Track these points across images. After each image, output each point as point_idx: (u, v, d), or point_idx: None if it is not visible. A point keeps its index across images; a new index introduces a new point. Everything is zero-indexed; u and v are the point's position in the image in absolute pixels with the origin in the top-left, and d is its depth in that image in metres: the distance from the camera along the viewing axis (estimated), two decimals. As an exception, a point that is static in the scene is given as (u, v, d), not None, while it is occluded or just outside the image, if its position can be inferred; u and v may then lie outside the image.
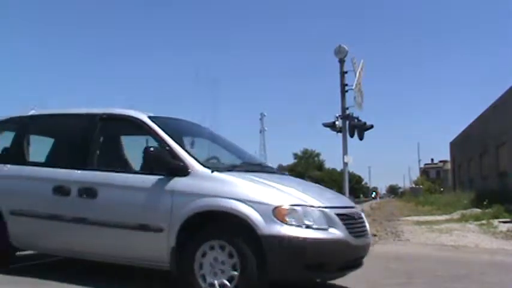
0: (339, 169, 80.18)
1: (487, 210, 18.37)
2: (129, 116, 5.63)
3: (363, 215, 5.37)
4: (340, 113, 12.82)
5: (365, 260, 5.29)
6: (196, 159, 4.95)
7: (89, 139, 5.66)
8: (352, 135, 13.01)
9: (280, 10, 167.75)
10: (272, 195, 4.55)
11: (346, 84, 12.88)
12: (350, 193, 14.80)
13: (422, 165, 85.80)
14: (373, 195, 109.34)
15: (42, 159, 6.14)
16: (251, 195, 4.49)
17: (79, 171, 5.39)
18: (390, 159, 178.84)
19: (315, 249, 4.35)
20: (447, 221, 17.18)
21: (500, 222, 14.97)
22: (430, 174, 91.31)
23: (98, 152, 5.69)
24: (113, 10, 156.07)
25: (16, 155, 6.15)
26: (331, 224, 4.47)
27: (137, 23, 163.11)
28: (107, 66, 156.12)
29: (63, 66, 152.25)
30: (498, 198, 20.31)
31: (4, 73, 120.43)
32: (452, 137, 46.78)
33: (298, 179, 6.39)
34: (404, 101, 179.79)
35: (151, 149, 4.94)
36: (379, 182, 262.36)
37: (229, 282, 4.39)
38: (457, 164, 44.96)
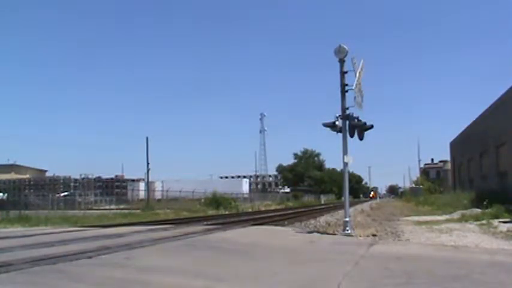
0: (339, 169, 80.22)
1: (487, 210, 18.38)
2: None
3: None
4: (340, 113, 12.80)
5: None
6: None
7: None
8: (352, 135, 12.99)
9: (280, 10, 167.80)
10: None
11: (346, 84, 12.83)
12: (350, 193, 14.79)
13: (422, 165, 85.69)
14: (370, 195, 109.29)
15: None
16: None
17: None
18: (390, 159, 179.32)
19: None
20: (447, 221, 17.19)
21: (500, 222, 14.98)
22: (430, 174, 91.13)
23: None
24: (111, 8, 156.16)
25: None
26: None
27: (137, 21, 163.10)
28: (106, 68, 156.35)
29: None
30: (498, 198, 20.32)
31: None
32: (452, 137, 46.85)
33: None
34: (404, 101, 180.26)
35: None
36: (379, 182, 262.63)
37: None
38: (457, 164, 44.95)
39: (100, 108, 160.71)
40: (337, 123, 12.78)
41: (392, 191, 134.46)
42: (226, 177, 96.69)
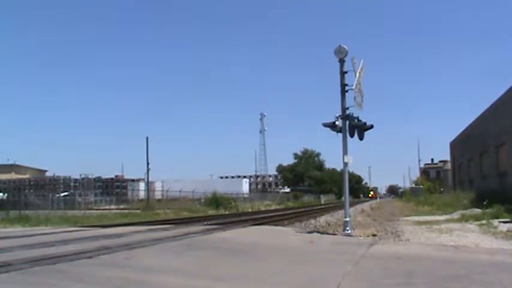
0: (339, 169, 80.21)
1: (487, 210, 18.36)
2: None
3: None
4: (340, 113, 12.80)
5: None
6: None
7: None
8: (352, 135, 12.99)
9: (280, 10, 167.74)
10: None
11: (346, 84, 12.82)
12: (350, 193, 14.77)
13: (422, 165, 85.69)
14: (370, 195, 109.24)
15: None
16: None
17: None
18: (390, 159, 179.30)
19: None
20: (447, 221, 17.18)
21: (500, 222, 14.97)
22: (430, 174, 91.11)
23: None
24: (111, 7, 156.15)
25: None
26: None
27: (137, 21, 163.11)
28: (106, 67, 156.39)
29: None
30: (498, 198, 20.31)
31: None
32: (452, 137, 46.84)
33: None
34: (404, 101, 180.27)
35: None
36: (379, 182, 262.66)
37: None
38: (457, 164, 44.93)
39: (100, 108, 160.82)
40: (337, 123, 12.77)
41: (393, 191, 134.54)
42: (226, 177, 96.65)
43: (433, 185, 64.09)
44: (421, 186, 62.20)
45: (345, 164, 13.16)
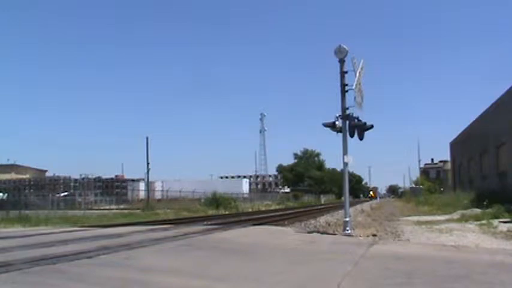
0: (339, 169, 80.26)
1: (487, 210, 18.36)
2: None
3: None
4: (340, 113, 12.80)
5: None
6: None
7: None
8: (352, 135, 12.99)
9: (280, 10, 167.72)
10: None
11: (346, 84, 12.82)
12: (350, 193, 14.77)
13: (422, 165, 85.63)
14: (370, 195, 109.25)
15: None
16: None
17: None
18: (390, 159, 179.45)
19: None
20: (447, 221, 17.18)
21: (500, 222, 14.97)
22: (430, 174, 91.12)
23: None
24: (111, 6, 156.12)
25: None
26: None
27: (137, 21, 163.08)
28: (107, 66, 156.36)
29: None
30: (498, 198, 20.30)
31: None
32: (452, 137, 46.82)
33: None
34: (404, 101, 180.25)
35: None
36: (379, 182, 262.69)
37: None
38: (457, 164, 44.92)
39: (100, 108, 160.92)
40: (337, 123, 12.76)
41: (393, 191, 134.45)
42: (226, 177, 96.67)
43: (433, 185, 63.98)
44: (421, 186, 62.09)
45: (345, 164, 13.16)
